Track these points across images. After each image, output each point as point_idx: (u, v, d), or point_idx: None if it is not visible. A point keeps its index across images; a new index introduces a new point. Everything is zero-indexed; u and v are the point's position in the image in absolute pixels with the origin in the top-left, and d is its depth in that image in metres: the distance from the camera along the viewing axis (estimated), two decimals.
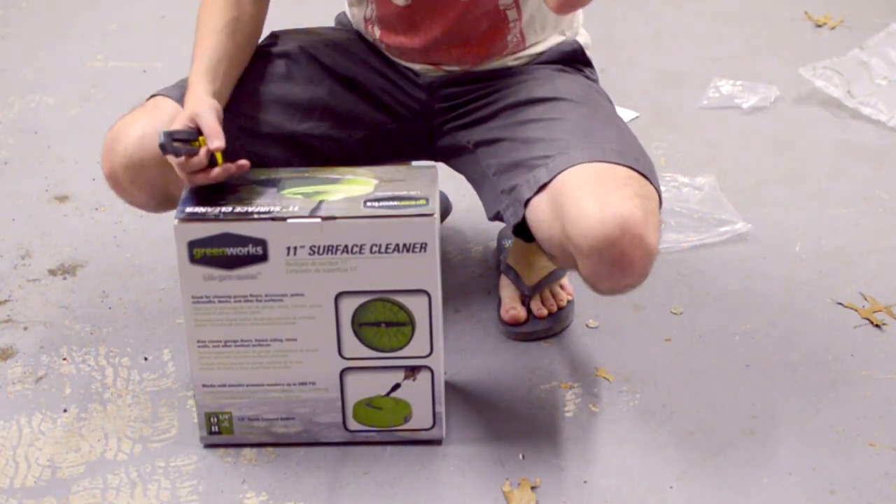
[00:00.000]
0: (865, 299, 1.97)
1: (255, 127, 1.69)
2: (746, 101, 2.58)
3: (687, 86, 2.67)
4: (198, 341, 1.59)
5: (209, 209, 1.52)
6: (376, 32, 1.75)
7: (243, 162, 1.56)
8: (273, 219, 1.51)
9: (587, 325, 1.92)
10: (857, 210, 2.22)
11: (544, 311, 1.90)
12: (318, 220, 1.51)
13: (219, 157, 1.54)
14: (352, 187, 1.57)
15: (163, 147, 1.50)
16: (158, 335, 1.91)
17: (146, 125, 1.62)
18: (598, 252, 1.49)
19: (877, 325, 1.91)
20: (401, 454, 1.67)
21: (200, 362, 1.61)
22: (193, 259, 1.53)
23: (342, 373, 1.62)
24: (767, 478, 1.63)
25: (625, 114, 2.52)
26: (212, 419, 1.66)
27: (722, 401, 1.77)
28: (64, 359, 1.86)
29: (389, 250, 1.53)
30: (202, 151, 1.53)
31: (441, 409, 1.65)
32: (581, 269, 1.55)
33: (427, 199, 1.53)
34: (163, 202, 1.68)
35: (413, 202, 1.53)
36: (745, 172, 2.34)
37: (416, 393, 1.64)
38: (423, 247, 1.53)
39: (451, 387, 1.78)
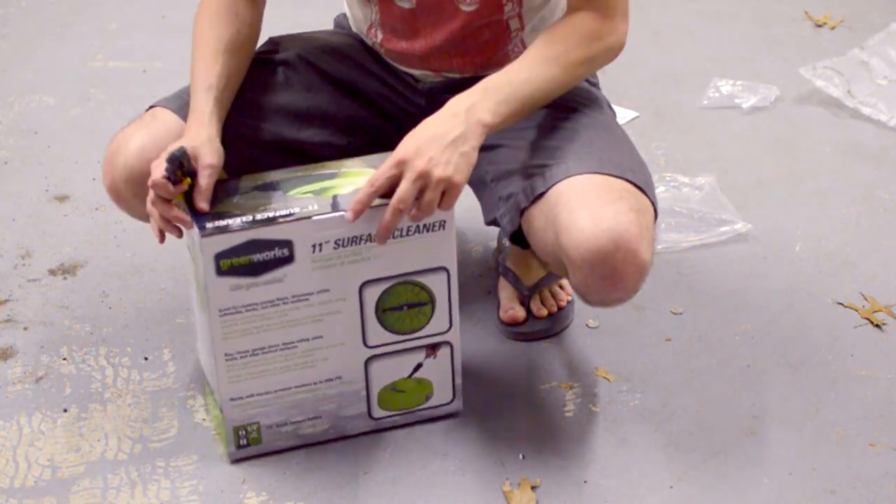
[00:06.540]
0: (865, 299, 1.97)
1: (254, 136, 1.69)
2: (746, 101, 2.57)
3: (687, 86, 2.67)
4: (226, 354, 1.57)
5: (230, 221, 1.51)
6: (378, 36, 1.75)
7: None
8: (298, 219, 1.51)
9: (587, 325, 1.92)
10: (857, 210, 2.22)
11: (544, 312, 1.90)
12: (344, 212, 1.51)
13: (178, 197, 1.53)
14: (354, 179, 1.58)
15: (174, 159, 1.47)
16: (158, 335, 1.91)
17: (146, 137, 1.62)
18: (589, 265, 1.49)
19: (877, 325, 1.91)
20: (401, 454, 1.67)
21: (228, 376, 1.58)
22: (220, 271, 1.51)
23: (367, 362, 1.62)
24: (767, 478, 1.63)
25: (625, 114, 2.52)
26: (240, 432, 1.63)
27: (722, 401, 1.77)
28: (64, 359, 1.86)
29: (410, 232, 1.54)
30: (178, 188, 1.50)
31: (459, 380, 1.68)
32: (572, 280, 1.55)
33: None
34: None
35: None
36: (745, 172, 2.34)
37: (437, 370, 1.66)
38: (442, 224, 1.54)
39: None
